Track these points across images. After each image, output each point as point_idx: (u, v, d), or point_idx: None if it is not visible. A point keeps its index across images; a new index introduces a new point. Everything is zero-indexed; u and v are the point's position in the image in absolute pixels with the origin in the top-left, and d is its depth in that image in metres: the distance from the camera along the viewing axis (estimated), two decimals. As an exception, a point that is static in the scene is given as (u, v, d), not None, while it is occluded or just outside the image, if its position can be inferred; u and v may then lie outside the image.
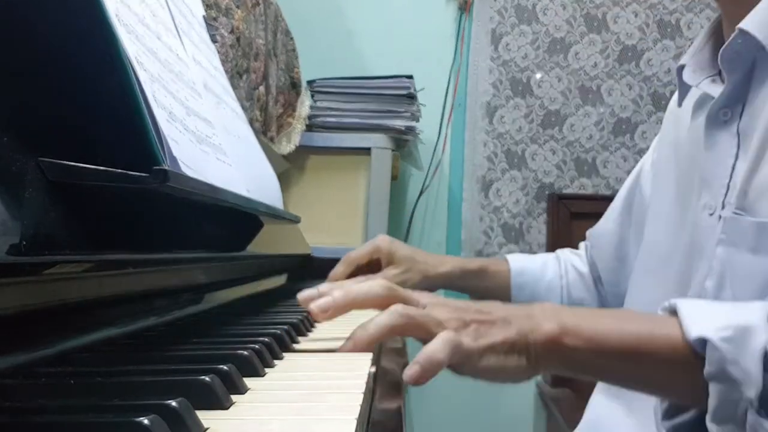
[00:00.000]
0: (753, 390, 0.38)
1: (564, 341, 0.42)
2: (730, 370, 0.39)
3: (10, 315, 0.29)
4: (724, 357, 0.39)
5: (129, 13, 0.43)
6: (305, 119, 1.31)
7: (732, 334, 0.39)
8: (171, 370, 0.32)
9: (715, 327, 0.40)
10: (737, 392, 0.39)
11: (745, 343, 0.39)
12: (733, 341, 0.39)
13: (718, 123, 0.53)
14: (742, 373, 0.38)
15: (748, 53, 0.50)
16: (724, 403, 0.39)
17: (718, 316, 0.41)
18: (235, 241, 0.63)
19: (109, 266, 0.37)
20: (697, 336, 0.40)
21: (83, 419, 0.24)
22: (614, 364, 0.43)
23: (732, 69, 0.51)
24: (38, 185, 0.30)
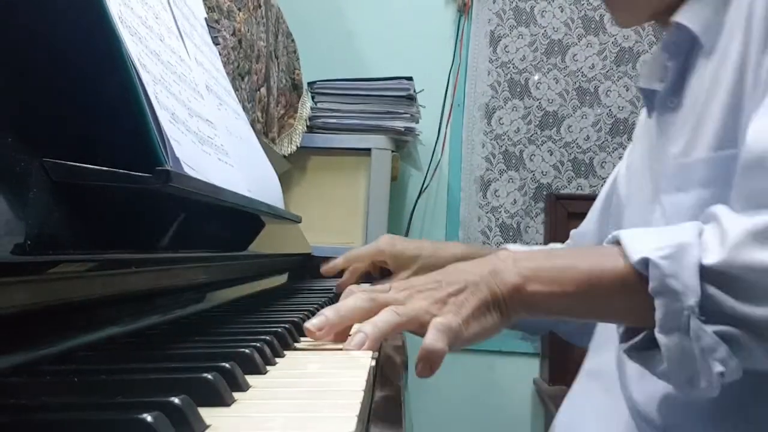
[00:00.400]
0: (693, 298, 0.41)
1: (527, 288, 0.45)
2: (670, 283, 0.42)
3: (15, 314, 0.29)
4: (664, 272, 0.42)
5: (132, 15, 0.43)
6: (306, 120, 1.31)
7: (669, 251, 0.42)
8: (173, 368, 0.32)
9: (653, 248, 0.43)
10: (679, 303, 0.42)
11: (681, 258, 0.42)
12: (671, 257, 0.42)
13: (666, 110, 0.58)
14: (681, 284, 0.42)
15: (684, 42, 0.55)
16: (669, 314, 0.42)
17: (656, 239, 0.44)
18: (237, 240, 0.64)
19: (112, 265, 0.37)
20: (639, 258, 0.43)
21: (87, 417, 0.24)
22: (573, 301, 0.46)
23: (671, 57, 0.56)
24: (42, 185, 0.31)
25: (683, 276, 0.42)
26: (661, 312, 0.42)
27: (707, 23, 0.53)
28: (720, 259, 0.42)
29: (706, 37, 0.53)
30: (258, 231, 0.70)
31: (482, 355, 1.56)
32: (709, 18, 0.53)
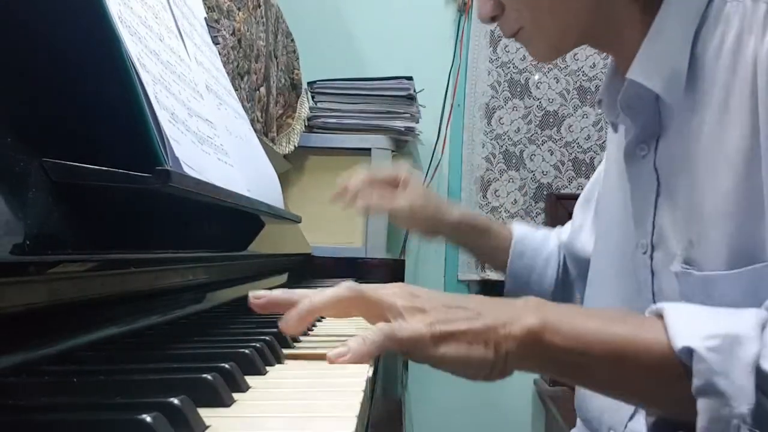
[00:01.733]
0: (745, 405, 0.35)
1: (544, 336, 0.40)
2: (718, 383, 0.36)
3: (14, 313, 0.29)
4: (711, 368, 0.36)
5: (131, 15, 0.43)
6: (305, 120, 1.31)
7: (720, 343, 0.36)
8: (173, 369, 0.32)
9: (701, 336, 0.37)
10: (728, 408, 0.35)
11: (734, 353, 0.36)
12: (721, 351, 0.36)
13: (636, 159, 0.52)
14: (732, 386, 0.35)
15: (647, 95, 0.49)
16: (715, 420, 0.36)
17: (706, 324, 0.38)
18: (237, 240, 0.64)
19: (111, 265, 0.37)
20: (683, 345, 0.37)
21: (86, 417, 0.24)
22: (595, 366, 0.40)
23: (634, 113, 0.51)
24: (42, 185, 0.31)
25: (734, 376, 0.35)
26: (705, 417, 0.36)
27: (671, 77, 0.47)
28: None
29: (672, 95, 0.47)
30: (258, 231, 0.70)
31: (482, 355, 1.56)
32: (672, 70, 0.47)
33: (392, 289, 0.43)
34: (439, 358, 0.39)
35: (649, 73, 0.48)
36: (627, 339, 0.39)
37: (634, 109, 0.50)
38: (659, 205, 0.50)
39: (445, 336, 0.39)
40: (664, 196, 0.50)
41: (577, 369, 0.41)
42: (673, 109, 0.48)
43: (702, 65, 0.46)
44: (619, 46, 0.52)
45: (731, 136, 0.44)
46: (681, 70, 0.47)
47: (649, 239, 0.51)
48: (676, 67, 0.47)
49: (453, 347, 0.39)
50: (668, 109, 0.49)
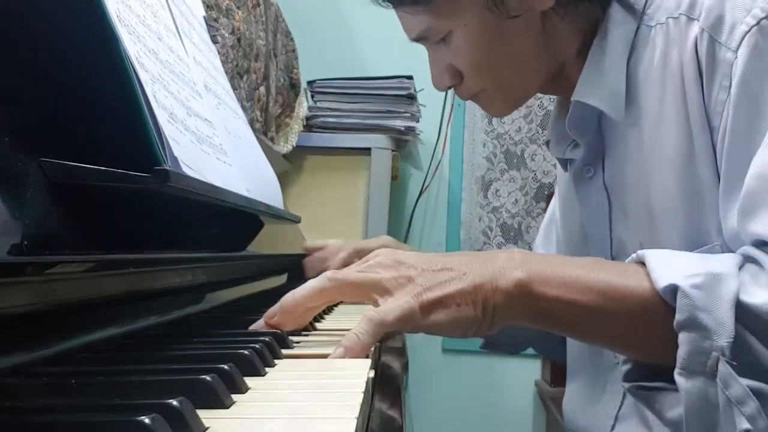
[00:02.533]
0: (724, 338, 0.36)
1: (532, 288, 0.40)
2: (700, 317, 0.37)
3: (12, 314, 0.29)
4: (694, 304, 0.37)
5: (130, 14, 0.43)
6: (303, 120, 1.31)
7: (702, 280, 0.37)
8: (172, 370, 0.32)
9: (684, 274, 0.38)
10: (708, 341, 0.36)
11: (716, 289, 0.37)
12: (704, 288, 0.37)
13: (584, 181, 0.57)
14: (713, 320, 0.36)
15: (590, 115, 0.54)
16: (694, 353, 0.37)
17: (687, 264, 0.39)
18: (236, 241, 0.63)
19: (110, 266, 0.37)
20: (667, 284, 0.38)
21: (84, 419, 0.24)
22: (582, 314, 0.40)
23: (581, 134, 0.55)
24: (40, 185, 0.30)
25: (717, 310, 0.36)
26: (686, 349, 0.37)
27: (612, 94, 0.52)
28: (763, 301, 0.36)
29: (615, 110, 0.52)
30: (257, 231, 0.69)
31: (483, 356, 1.56)
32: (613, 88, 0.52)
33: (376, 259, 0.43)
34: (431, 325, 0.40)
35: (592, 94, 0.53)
36: (611, 284, 0.40)
37: (581, 129, 0.55)
38: (613, 219, 0.55)
39: (434, 303, 0.39)
40: (615, 209, 0.54)
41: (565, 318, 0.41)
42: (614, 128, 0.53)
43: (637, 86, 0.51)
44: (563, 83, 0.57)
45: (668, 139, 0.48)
46: (620, 91, 0.52)
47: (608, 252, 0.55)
48: (615, 88, 0.52)
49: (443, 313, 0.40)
50: (610, 129, 0.54)
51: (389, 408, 0.37)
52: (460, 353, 1.57)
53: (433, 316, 0.39)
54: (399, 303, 0.39)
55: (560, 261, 0.44)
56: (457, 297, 0.40)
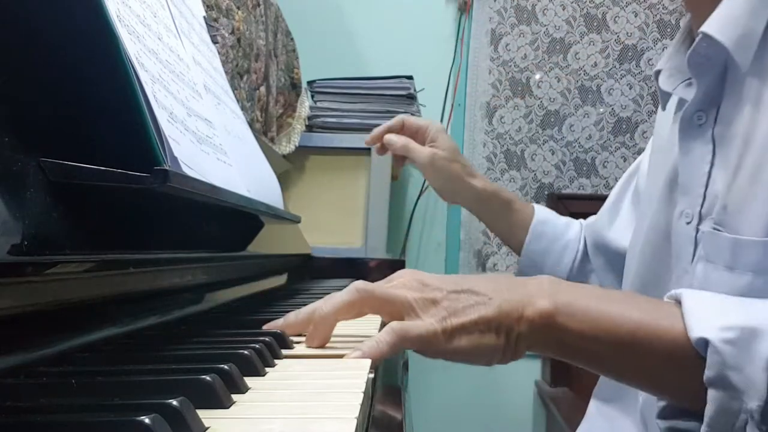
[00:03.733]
0: (755, 400, 0.34)
1: (556, 320, 0.39)
2: (731, 376, 0.35)
3: (12, 315, 0.29)
4: (725, 361, 0.35)
5: (130, 14, 0.43)
6: (305, 120, 1.31)
7: (736, 335, 0.35)
8: (172, 370, 0.32)
9: (718, 327, 0.36)
10: (737, 402, 0.35)
11: (750, 347, 0.35)
12: (737, 344, 0.35)
13: (692, 127, 0.50)
14: (744, 380, 0.35)
15: (717, 56, 0.47)
16: (722, 412, 0.35)
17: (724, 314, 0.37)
18: (236, 241, 0.63)
19: (110, 266, 0.37)
20: (698, 336, 0.36)
21: (84, 419, 0.24)
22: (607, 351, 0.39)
23: (700, 73, 0.49)
24: (39, 185, 0.30)
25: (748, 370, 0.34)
26: (714, 408, 0.35)
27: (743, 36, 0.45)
28: None
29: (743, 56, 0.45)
30: (257, 231, 0.69)
31: (483, 355, 1.56)
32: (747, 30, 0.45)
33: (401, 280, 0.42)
34: (452, 351, 0.39)
35: (723, 29, 0.46)
36: (641, 324, 0.38)
37: (702, 67, 0.48)
38: (713, 175, 0.48)
39: (457, 329, 0.39)
40: (718, 165, 0.48)
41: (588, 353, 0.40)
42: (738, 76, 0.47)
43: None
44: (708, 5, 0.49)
45: None
46: (755, 32, 0.45)
47: (698, 210, 0.49)
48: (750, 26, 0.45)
49: (465, 339, 0.39)
50: (734, 76, 0.47)
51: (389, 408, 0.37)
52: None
53: (456, 341, 0.39)
54: (424, 324, 0.39)
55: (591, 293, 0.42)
56: (481, 324, 0.39)
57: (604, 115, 1.60)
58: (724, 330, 0.36)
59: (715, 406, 0.36)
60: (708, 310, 0.38)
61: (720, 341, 0.35)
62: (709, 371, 0.36)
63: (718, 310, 0.38)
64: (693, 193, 0.50)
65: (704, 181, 0.49)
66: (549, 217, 0.77)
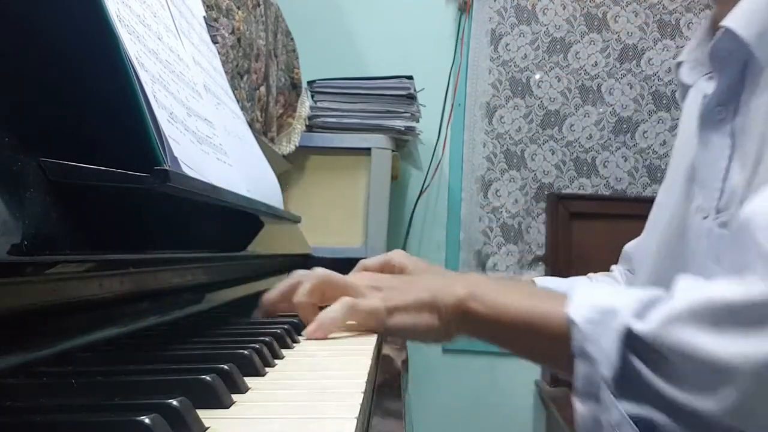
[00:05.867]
0: (608, 369, 0.39)
1: (468, 305, 0.46)
2: (587, 348, 0.40)
3: (12, 314, 0.29)
4: (583, 335, 0.40)
5: (130, 14, 0.43)
6: (305, 120, 1.31)
7: (596, 314, 0.41)
8: (172, 370, 0.32)
9: (586, 307, 0.41)
10: (594, 370, 0.40)
11: (606, 323, 0.40)
12: (595, 321, 0.40)
13: (712, 122, 0.51)
14: (598, 351, 0.39)
15: (738, 51, 0.48)
16: (585, 380, 0.40)
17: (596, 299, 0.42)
18: (236, 241, 0.63)
19: (109, 266, 0.37)
20: (569, 317, 0.42)
21: (84, 418, 0.24)
22: (507, 334, 0.46)
23: (721, 67, 0.50)
24: (39, 185, 0.30)
25: (602, 342, 0.39)
26: (579, 377, 0.41)
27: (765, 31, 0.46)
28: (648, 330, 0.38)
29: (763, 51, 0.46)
30: (257, 231, 0.69)
31: (484, 357, 1.56)
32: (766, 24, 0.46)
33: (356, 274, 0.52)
34: (393, 326, 0.47)
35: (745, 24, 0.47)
36: (535, 310, 0.45)
37: (723, 61, 0.49)
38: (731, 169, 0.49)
39: (397, 307, 0.47)
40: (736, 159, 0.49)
41: (494, 334, 0.47)
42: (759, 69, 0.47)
43: None
44: None
45: None
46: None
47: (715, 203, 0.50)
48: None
49: (404, 317, 0.47)
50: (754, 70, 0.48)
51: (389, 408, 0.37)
52: (460, 353, 1.57)
53: (396, 317, 0.47)
54: (370, 301, 0.48)
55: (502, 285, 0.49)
56: (418, 304, 0.47)
57: (604, 115, 1.60)
58: (589, 310, 0.41)
59: (579, 375, 0.41)
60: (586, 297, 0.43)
61: (583, 320, 0.41)
62: (574, 344, 0.41)
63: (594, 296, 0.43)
64: (710, 187, 0.51)
65: (722, 176, 0.50)
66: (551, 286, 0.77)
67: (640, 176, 1.59)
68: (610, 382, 0.39)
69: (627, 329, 0.39)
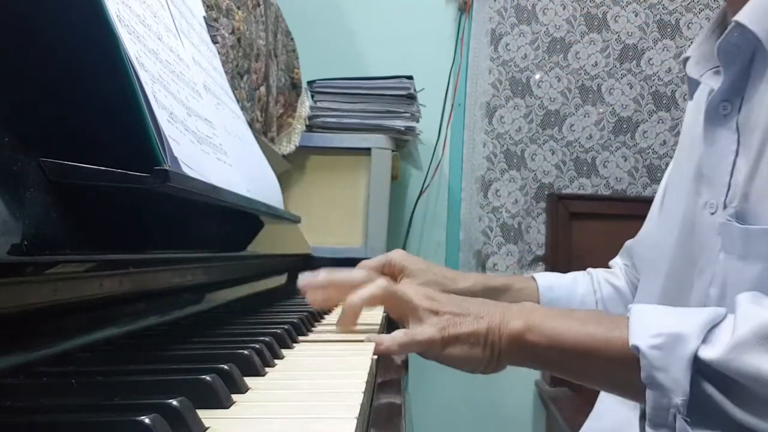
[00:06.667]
0: (680, 397, 0.40)
1: (526, 338, 0.47)
2: (658, 377, 0.40)
3: (12, 314, 0.29)
4: (652, 364, 0.41)
5: (130, 14, 0.43)
6: (305, 119, 1.31)
7: (662, 341, 0.41)
8: (172, 370, 0.32)
9: (649, 334, 0.42)
10: (666, 399, 0.40)
11: (674, 350, 0.40)
12: (662, 348, 0.41)
13: (717, 117, 0.52)
14: (669, 380, 0.40)
15: (746, 46, 0.49)
16: (656, 409, 0.41)
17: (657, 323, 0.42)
18: (236, 241, 0.63)
19: (110, 266, 0.37)
20: (632, 344, 0.42)
21: (85, 418, 0.24)
22: (568, 361, 0.47)
23: (729, 62, 0.50)
24: (40, 185, 0.30)
25: (672, 370, 0.40)
26: (650, 405, 0.41)
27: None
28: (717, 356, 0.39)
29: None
30: (257, 231, 0.69)
31: (483, 355, 1.56)
32: None
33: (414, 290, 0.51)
34: (446, 357, 0.47)
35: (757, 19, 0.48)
36: (596, 337, 0.45)
37: (731, 55, 0.50)
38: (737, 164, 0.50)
39: (453, 339, 0.47)
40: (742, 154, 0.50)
41: (555, 363, 0.48)
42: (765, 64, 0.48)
43: None
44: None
45: None
46: None
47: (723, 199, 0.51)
48: None
49: (458, 348, 0.47)
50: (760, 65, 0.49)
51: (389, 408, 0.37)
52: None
53: (450, 349, 0.47)
54: (428, 331, 0.47)
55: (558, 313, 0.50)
56: (473, 337, 0.47)
57: (604, 115, 1.60)
58: (653, 337, 0.41)
59: (651, 403, 0.41)
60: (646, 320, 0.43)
61: (648, 347, 0.41)
62: (642, 373, 0.41)
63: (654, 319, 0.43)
64: (717, 182, 0.51)
65: (729, 170, 0.50)
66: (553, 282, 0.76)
67: (640, 176, 1.59)
68: (683, 410, 0.40)
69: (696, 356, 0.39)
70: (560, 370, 0.49)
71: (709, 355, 0.39)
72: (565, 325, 0.46)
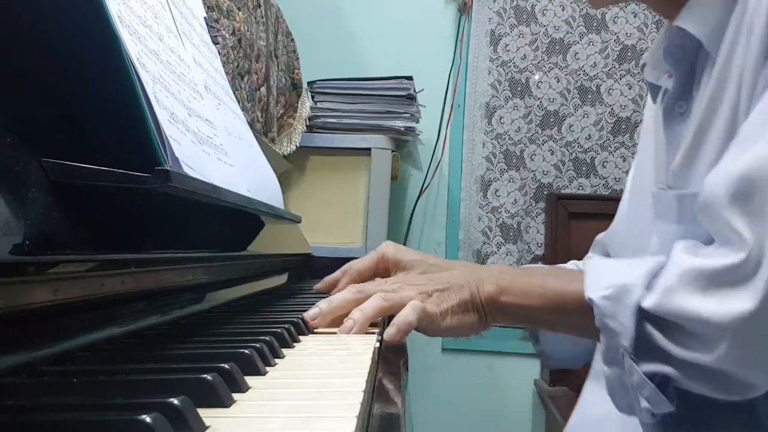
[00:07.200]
0: (626, 339, 0.45)
1: (501, 299, 0.53)
2: (608, 323, 0.46)
3: (14, 314, 0.29)
4: (603, 313, 0.47)
5: (131, 15, 0.43)
6: (306, 120, 1.31)
7: (611, 292, 0.47)
8: (173, 369, 0.32)
9: (600, 287, 0.47)
10: (616, 340, 0.46)
11: (621, 299, 0.46)
12: (612, 298, 0.46)
13: (673, 116, 0.56)
14: (618, 325, 0.46)
15: (690, 47, 0.53)
16: (609, 349, 0.47)
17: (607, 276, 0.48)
18: (236, 240, 0.64)
19: (111, 266, 0.37)
20: (587, 296, 0.48)
21: (86, 417, 0.24)
22: (539, 314, 0.53)
23: (676, 63, 0.54)
24: (41, 185, 0.30)
25: (620, 317, 0.46)
26: (603, 346, 0.47)
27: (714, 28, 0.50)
28: (654, 303, 0.45)
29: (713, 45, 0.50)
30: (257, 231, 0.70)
31: (483, 356, 1.56)
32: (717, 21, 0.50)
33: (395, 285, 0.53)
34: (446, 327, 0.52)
35: (696, 23, 0.52)
36: (558, 291, 0.52)
37: (676, 58, 0.54)
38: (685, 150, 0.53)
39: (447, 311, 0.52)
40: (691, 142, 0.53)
41: (527, 317, 0.54)
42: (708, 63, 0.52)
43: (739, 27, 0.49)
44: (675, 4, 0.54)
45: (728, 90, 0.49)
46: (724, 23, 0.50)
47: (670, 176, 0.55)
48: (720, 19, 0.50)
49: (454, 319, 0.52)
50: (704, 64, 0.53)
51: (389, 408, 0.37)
52: (459, 353, 1.57)
53: (448, 320, 0.52)
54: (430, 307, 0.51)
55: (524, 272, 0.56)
56: (461, 304, 0.52)
57: (603, 115, 1.61)
58: (604, 289, 0.47)
59: (604, 345, 0.47)
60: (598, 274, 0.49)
61: (599, 298, 0.47)
62: (596, 320, 0.47)
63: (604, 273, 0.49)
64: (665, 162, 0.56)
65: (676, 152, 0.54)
66: None
67: (640, 176, 1.60)
68: (630, 350, 0.45)
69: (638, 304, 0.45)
70: (533, 322, 0.56)
71: (649, 301, 0.45)
72: (530, 282, 0.53)
